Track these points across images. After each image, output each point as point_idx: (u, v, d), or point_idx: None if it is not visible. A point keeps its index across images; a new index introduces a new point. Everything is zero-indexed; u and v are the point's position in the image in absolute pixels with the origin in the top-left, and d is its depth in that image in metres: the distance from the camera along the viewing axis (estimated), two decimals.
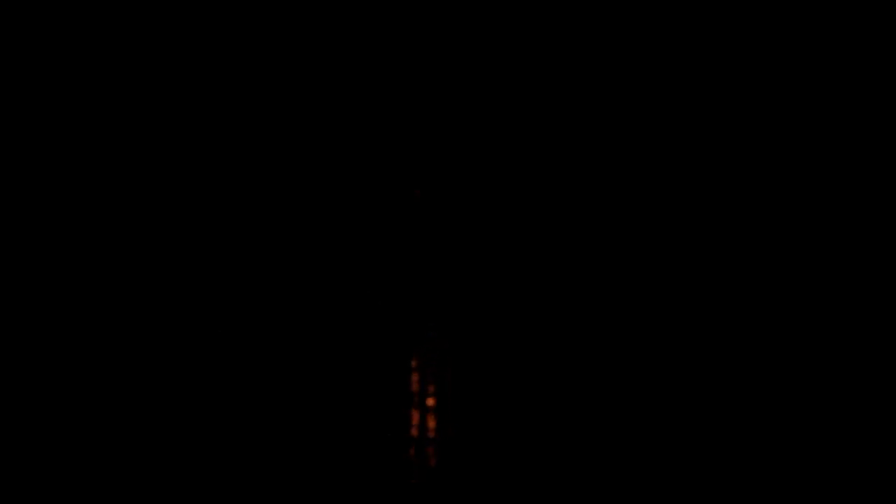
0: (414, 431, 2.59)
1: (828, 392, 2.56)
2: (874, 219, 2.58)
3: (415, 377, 2.60)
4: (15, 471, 2.56)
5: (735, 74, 2.63)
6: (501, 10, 2.66)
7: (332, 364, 2.61)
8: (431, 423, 2.59)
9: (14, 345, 2.59)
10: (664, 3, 2.64)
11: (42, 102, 2.64)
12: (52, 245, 2.62)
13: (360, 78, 2.67)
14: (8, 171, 2.62)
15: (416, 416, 2.60)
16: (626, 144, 2.64)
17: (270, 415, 2.59)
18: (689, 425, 2.57)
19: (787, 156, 2.62)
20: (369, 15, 2.67)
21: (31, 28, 2.64)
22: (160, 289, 2.61)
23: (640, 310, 2.61)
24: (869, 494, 2.52)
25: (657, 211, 2.62)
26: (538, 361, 2.61)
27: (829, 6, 2.60)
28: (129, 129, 2.65)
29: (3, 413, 2.58)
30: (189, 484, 2.58)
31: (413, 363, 2.61)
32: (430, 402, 2.60)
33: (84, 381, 2.59)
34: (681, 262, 2.61)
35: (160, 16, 2.66)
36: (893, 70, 2.59)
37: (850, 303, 2.57)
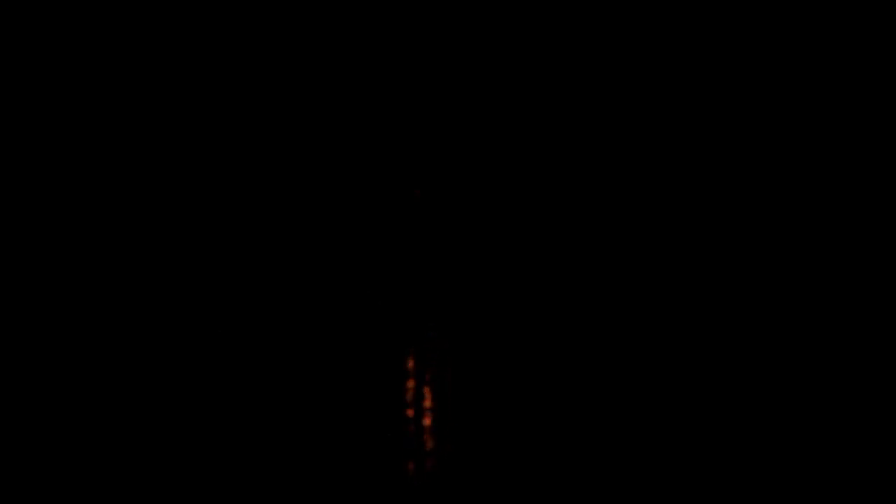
0: (411, 429, 2.59)
1: (828, 392, 2.56)
2: (874, 219, 2.59)
3: (413, 378, 2.61)
4: (15, 471, 2.56)
5: (734, 75, 2.64)
6: (500, 11, 2.66)
7: (329, 364, 2.61)
8: (428, 422, 2.59)
9: (13, 345, 2.59)
10: (664, 4, 2.65)
11: (41, 103, 2.64)
12: (52, 245, 2.62)
13: (359, 78, 2.67)
14: (7, 171, 2.62)
15: (413, 416, 2.60)
16: (625, 145, 2.65)
17: (265, 414, 2.59)
18: (696, 445, 2.57)
19: (787, 156, 2.62)
20: (369, 14, 2.67)
21: (30, 28, 2.65)
22: (157, 289, 2.61)
23: (642, 311, 2.61)
24: (869, 494, 2.52)
25: (657, 211, 2.63)
26: (540, 362, 2.61)
27: (829, 6, 2.61)
28: (127, 130, 2.65)
29: (3, 413, 2.57)
30: (181, 490, 2.57)
31: (411, 363, 2.61)
32: (427, 403, 2.60)
33: (83, 380, 2.59)
34: (680, 263, 2.62)
35: (160, 15, 2.66)
36: (893, 70, 2.60)
37: (850, 303, 2.58)
